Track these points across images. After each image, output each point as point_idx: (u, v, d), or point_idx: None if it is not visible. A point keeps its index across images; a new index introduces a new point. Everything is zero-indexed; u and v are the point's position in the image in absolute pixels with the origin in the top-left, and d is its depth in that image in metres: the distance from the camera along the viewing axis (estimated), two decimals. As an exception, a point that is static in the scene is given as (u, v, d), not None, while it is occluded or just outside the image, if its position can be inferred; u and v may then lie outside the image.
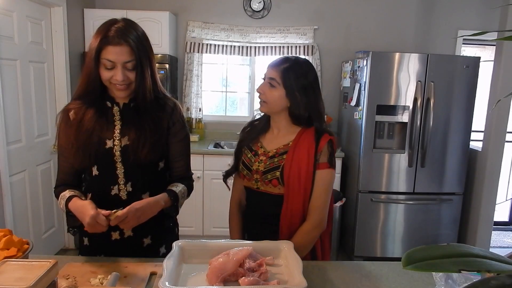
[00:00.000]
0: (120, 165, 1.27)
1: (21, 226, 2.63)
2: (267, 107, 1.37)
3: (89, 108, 1.25)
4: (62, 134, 1.28)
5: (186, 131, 1.40)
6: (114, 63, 1.18)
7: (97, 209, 1.14)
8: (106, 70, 1.19)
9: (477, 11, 3.75)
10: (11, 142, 2.52)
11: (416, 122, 2.98)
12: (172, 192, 1.29)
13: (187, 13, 3.72)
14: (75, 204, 1.20)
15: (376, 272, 1.23)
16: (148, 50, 1.25)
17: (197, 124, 3.81)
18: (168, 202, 1.27)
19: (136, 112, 1.29)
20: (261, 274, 1.08)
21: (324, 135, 1.33)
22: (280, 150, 1.37)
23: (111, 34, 1.17)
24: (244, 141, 1.47)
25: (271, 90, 1.33)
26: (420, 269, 0.53)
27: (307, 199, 1.33)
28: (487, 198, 3.01)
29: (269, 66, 1.36)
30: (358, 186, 3.11)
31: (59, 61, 3.04)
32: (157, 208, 1.23)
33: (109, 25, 1.20)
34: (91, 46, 1.20)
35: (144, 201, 1.20)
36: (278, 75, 1.31)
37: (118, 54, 1.17)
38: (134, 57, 1.19)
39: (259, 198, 1.40)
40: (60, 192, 1.29)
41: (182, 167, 1.40)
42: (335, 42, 3.78)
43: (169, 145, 1.35)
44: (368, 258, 3.18)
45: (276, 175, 1.33)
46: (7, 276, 0.85)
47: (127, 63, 1.19)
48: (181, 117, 1.37)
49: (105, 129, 1.26)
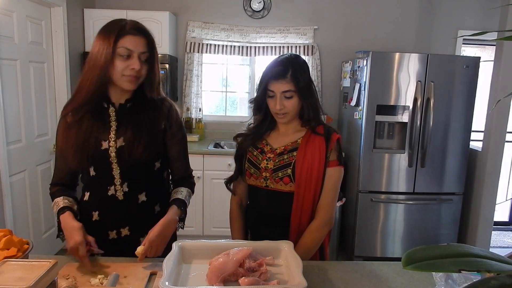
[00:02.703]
0: (116, 166, 1.28)
1: (21, 226, 2.63)
2: (288, 117, 1.34)
3: (86, 110, 1.25)
4: (61, 137, 1.29)
5: (183, 132, 1.42)
6: (132, 51, 1.19)
7: (84, 236, 1.18)
8: (122, 60, 1.19)
9: (477, 11, 3.75)
10: (11, 142, 2.52)
11: (416, 122, 2.98)
12: (179, 202, 1.33)
13: (187, 13, 3.72)
14: (66, 221, 1.23)
15: (376, 272, 1.23)
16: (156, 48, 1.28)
17: (197, 124, 3.80)
18: (180, 213, 1.33)
19: (132, 112, 1.30)
20: (261, 274, 1.08)
21: (334, 133, 1.35)
22: (289, 147, 1.36)
23: (129, 26, 1.20)
24: (244, 144, 1.44)
25: (289, 101, 1.30)
26: (420, 269, 0.53)
27: (317, 196, 1.34)
28: (487, 198, 3.01)
29: (271, 80, 1.29)
30: (358, 186, 3.11)
31: (59, 61, 3.04)
32: (174, 225, 1.28)
33: (119, 21, 1.22)
34: (100, 43, 1.19)
35: (159, 225, 1.23)
36: (291, 85, 1.28)
37: (136, 44, 1.20)
38: (148, 49, 1.23)
39: (268, 196, 1.38)
40: (55, 195, 1.33)
41: (181, 168, 1.42)
42: (335, 42, 3.78)
43: (167, 147, 1.37)
44: (368, 258, 3.18)
45: (288, 173, 1.32)
46: (7, 276, 0.85)
47: (142, 54, 1.22)
48: (178, 119, 1.38)
49: (101, 130, 1.27)
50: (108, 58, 1.18)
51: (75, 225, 1.20)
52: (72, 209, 1.28)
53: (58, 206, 1.28)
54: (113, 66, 1.20)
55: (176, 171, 1.42)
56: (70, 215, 1.24)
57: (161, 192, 1.40)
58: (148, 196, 1.34)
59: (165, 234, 1.23)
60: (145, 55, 1.23)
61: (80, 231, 1.18)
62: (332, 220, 1.36)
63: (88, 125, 1.25)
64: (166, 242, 1.23)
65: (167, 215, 1.27)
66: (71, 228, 1.19)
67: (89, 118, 1.25)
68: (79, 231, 1.18)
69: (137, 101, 1.31)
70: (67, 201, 1.29)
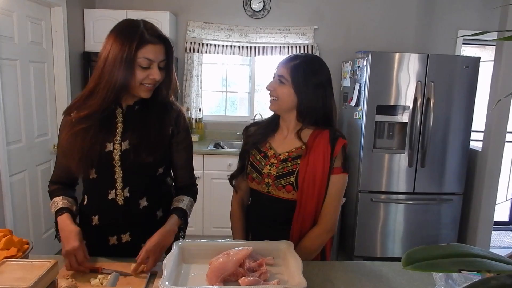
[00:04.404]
0: (118, 169, 1.25)
1: (21, 226, 2.63)
2: (277, 105, 1.33)
3: (93, 115, 1.19)
4: (65, 139, 1.23)
5: (190, 139, 1.39)
6: (152, 61, 1.17)
7: (82, 241, 1.14)
8: (142, 70, 1.16)
9: (477, 11, 3.75)
10: (11, 142, 2.52)
11: (416, 122, 2.98)
12: (180, 211, 1.29)
13: (187, 13, 3.72)
14: (64, 223, 1.19)
15: (376, 272, 1.23)
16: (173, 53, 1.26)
17: (197, 124, 3.81)
18: (180, 223, 1.28)
19: (139, 114, 1.27)
20: (261, 274, 1.08)
21: (339, 139, 1.31)
22: (293, 153, 1.33)
23: (149, 33, 1.16)
24: (250, 142, 1.42)
25: (280, 87, 1.30)
26: (420, 269, 0.53)
27: (320, 204, 1.31)
28: (487, 198, 3.01)
29: (279, 64, 1.33)
30: (358, 186, 3.11)
31: (59, 61, 3.04)
32: (172, 234, 1.23)
33: (136, 25, 1.17)
34: (118, 48, 1.13)
35: (157, 235, 1.18)
36: (287, 72, 1.29)
37: (157, 53, 1.17)
38: (166, 56, 1.21)
39: (269, 202, 1.35)
40: (54, 194, 1.29)
41: (186, 175, 1.39)
42: (335, 42, 3.78)
43: (173, 153, 1.33)
44: (368, 258, 3.18)
45: (291, 181, 1.29)
46: (7, 276, 0.85)
47: (161, 62, 1.20)
48: (186, 125, 1.35)
49: (107, 131, 1.23)
50: (128, 66, 1.14)
51: (73, 229, 1.16)
52: (71, 211, 1.23)
53: (56, 206, 1.24)
54: (132, 75, 1.16)
55: (180, 179, 1.39)
56: (68, 217, 1.20)
57: (163, 198, 1.36)
58: (149, 201, 1.31)
59: (163, 244, 1.18)
60: (164, 62, 1.21)
61: (78, 236, 1.14)
62: (335, 227, 1.34)
63: (95, 131, 1.20)
64: (162, 253, 1.18)
65: (166, 225, 1.23)
66: (68, 232, 1.15)
67: (97, 125, 1.20)
68: (76, 236, 1.14)
69: (145, 104, 1.27)
70: (66, 202, 1.25)
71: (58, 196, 1.27)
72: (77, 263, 1.12)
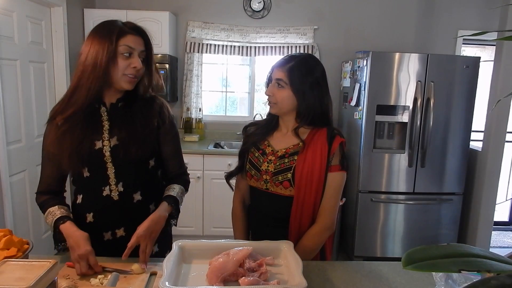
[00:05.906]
0: (110, 165, 1.27)
1: (21, 226, 2.63)
2: (277, 108, 1.34)
3: (78, 112, 1.22)
4: (51, 143, 1.26)
5: (176, 129, 1.42)
6: (133, 50, 1.21)
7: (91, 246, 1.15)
8: (123, 59, 1.20)
9: (477, 11, 3.75)
10: (11, 142, 2.52)
11: (416, 122, 2.98)
12: (171, 198, 1.32)
13: (187, 13, 3.72)
14: (70, 230, 1.19)
15: (376, 272, 1.23)
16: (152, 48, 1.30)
17: (197, 124, 3.80)
18: (170, 209, 1.30)
19: (124, 111, 1.29)
20: (261, 274, 1.08)
21: (336, 137, 1.31)
22: (290, 150, 1.34)
23: (128, 26, 1.23)
24: (249, 142, 1.43)
25: (279, 91, 1.31)
26: (420, 269, 0.53)
27: (318, 201, 1.32)
28: (487, 198, 3.01)
29: (275, 67, 1.33)
30: (358, 186, 3.11)
31: (59, 61, 3.04)
32: (162, 221, 1.25)
33: (115, 21, 1.24)
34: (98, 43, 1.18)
35: (147, 221, 1.21)
36: (285, 75, 1.29)
37: (136, 43, 1.23)
38: (146, 49, 1.26)
39: (268, 199, 1.36)
40: (47, 204, 1.30)
41: (176, 165, 1.42)
42: (335, 42, 3.78)
43: (160, 144, 1.36)
44: (368, 258, 3.18)
45: (288, 177, 1.31)
46: (7, 276, 0.85)
47: (141, 53, 1.25)
48: (170, 116, 1.38)
49: (94, 131, 1.26)
50: (111, 57, 1.18)
51: (82, 234, 1.17)
52: (70, 219, 1.25)
53: (54, 216, 1.24)
54: (114, 65, 1.20)
55: (170, 169, 1.41)
56: (72, 224, 1.21)
57: (156, 191, 1.39)
58: (143, 195, 1.33)
59: (153, 230, 1.21)
60: (144, 54, 1.26)
61: (88, 240, 1.16)
62: (334, 225, 1.34)
63: (82, 129, 1.23)
64: (154, 238, 1.21)
65: (156, 211, 1.26)
66: (78, 237, 1.16)
67: (82, 121, 1.23)
68: (87, 241, 1.16)
69: (128, 100, 1.31)
70: (63, 210, 1.27)
71: (52, 206, 1.28)
72: (87, 266, 1.12)
